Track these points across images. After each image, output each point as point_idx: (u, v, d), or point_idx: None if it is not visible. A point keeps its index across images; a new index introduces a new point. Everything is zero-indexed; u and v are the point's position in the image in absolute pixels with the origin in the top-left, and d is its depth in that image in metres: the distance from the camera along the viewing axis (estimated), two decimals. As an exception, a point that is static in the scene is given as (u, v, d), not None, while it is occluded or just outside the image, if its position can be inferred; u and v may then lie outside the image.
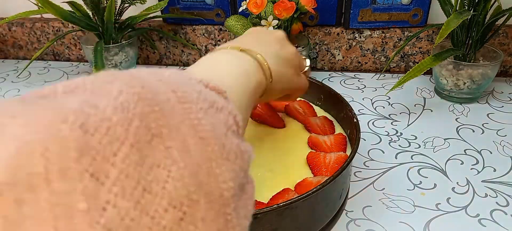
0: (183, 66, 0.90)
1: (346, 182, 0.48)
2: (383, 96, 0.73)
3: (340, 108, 0.56)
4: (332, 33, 0.80)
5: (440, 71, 0.69)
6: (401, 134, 0.63)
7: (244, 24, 0.71)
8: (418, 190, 0.52)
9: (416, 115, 0.67)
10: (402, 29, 0.77)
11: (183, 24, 0.85)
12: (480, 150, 0.59)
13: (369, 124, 0.66)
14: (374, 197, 0.51)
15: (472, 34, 0.66)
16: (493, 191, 0.51)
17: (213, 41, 0.86)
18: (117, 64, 0.81)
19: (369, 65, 0.83)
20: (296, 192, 0.45)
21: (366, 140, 0.62)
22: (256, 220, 0.38)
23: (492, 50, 0.69)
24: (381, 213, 0.49)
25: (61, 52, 0.95)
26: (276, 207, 0.38)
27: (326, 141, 0.53)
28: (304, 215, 0.41)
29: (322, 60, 0.84)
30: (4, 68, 0.92)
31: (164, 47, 0.89)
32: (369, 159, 0.58)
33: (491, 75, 0.67)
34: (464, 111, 0.68)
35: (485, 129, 0.63)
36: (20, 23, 0.93)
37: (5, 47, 0.97)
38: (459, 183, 0.53)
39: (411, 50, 0.79)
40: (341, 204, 0.48)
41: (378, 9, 0.76)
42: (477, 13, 0.63)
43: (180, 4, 0.82)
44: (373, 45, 0.80)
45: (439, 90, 0.72)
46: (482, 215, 0.48)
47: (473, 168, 0.55)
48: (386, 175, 0.54)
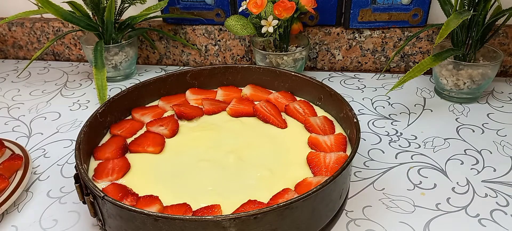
0: (183, 66, 0.90)
1: (346, 182, 0.48)
2: (383, 96, 0.73)
3: (340, 108, 0.56)
4: (332, 33, 0.80)
5: (440, 71, 0.69)
6: (401, 134, 0.63)
7: (244, 24, 0.71)
8: (418, 190, 0.52)
9: (416, 115, 0.67)
10: (402, 29, 0.77)
11: (183, 24, 0.85)
12: (480, 150, 0.59)
13: (369, 124, 0.66)
14: (374, 197, 0.51)
15: (472, 34, 0.66)
16: (493, 191, 0.51)
17: (213, 41, 0.86)
18: (117, 64, 0.81)
19: (369, 65, 0.83)
20: (296, 192, 0.45)
21: (366, 140, 0.62)
22: (256, 220, 0.38)
23: (492, 50, 0.69)
24: (381, 213, 0.49)
25: (61, 52, 0.95)
26: (276, 207, 0.38)
27: (326, 141, 0.53)
28: (304, 215, 0.41)
29: (322, 60, 0.84)
30: (4, 68, 0.92)
31: (164, 47, 0.89)
32: (369, 159, 0.58)
33: (491, 75, 0.67)
34: (464, 111, 0.68)
35: (485, 129, 0.63)
36: (20, 23, 0.93)
37: (5, 47, 0.97)
38: (459, 183, 0.53)
39: (411, 50, 0.79)
40: (341, 204, 0.48)
41: (378, 9, 0.76)
42: (477, 13, 0.63)
43: (180, 4, 0.82)
44: (373, 45, 0.80)
45: (439, 90, 0.72)
46: (482, 215, 0.48)
47: (473, 168, 0.55)
48: (386, 175, 0.54)
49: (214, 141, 0.56)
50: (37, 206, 0.52)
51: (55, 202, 0.52)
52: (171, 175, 0.49)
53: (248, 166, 0.48)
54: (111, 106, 0.57)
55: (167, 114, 0.61)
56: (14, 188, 0.51)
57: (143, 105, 0.63)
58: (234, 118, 0.60)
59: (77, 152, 0.47)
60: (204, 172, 0.47)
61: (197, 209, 0.44)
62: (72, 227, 0.49)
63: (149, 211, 0.38)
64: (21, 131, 0.68)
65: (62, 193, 0.54)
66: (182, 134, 0.57)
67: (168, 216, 0.38)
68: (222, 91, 0.66)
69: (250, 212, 0.38)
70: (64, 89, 0.82)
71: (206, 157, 0.52)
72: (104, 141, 0.56)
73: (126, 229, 0.42)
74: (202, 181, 0.46)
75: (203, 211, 0.43)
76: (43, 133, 0.67)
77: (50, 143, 0.64)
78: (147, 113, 0.61)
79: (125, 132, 0.57)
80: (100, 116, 0.55)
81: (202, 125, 0.59)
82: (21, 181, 0.52)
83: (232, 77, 0.67)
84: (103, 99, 0.69)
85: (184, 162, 0.52)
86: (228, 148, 0.53)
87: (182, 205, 0.44)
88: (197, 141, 0.56)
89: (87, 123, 0.52)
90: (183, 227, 0.38)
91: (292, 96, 0.64)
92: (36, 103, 0.76)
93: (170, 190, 0.47)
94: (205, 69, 0.66)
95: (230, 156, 0.52)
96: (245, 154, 0.52)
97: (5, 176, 0.52)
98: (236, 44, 0.85)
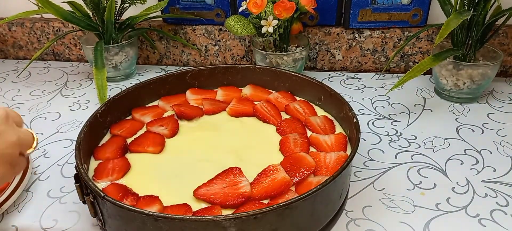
0: (183, 66, 0.90)
1: (346, 182, 0.48)
2: (383, 96, 0.73)
3: (340, 108, 0.56)
4: (332, 33, 0.80)
5: (440, 71, 0.69)
6: (401, 134, 0.63)
7: (244, 24, 0.71)
8: (418, 190, 0.52)
9: (416, 115, 0.67)
10: (402, 29, 0.77)
11: (183, 24, 0.85)
12: (480, 150, 0.59)
13: (369, 123, 0.66)
14: (374, 197, 0.51)
15: (472, 34, 0.66)
16: (493, 191, 0.51)
17: (213, 41, 0.86)
18: (117, 64, 0.81)
19: (369, 65, 0.83)
20: (296, 192, 0.45)
21: (366, 140, 0.62)
22: (256, 220, 0.38)
23: (492, 50, 0.69)
24: (381, 213, 0.49)
25: (61, 52, 0.95)
26: (276, 207, 0.38)
27: (326, 140, 0.53)
28: (304, 215, 0.41)
29: (322, 60, 0.84)
30: (4, 68, 0.92)
31: (164, 47, 0.89)
32: (369, 159, 0.58)
33: (491, 75, 0.67)
34: (464, 111, 0.68)
35: (485, 129, 0.63)
36: (20, 23, 0.93)
37: (5, 47, 0.97)
38: (459, 183, 0.53)
39: (411, 50, 0.79)
40: (341, 204, 0.48)
41: (378, 9, 0.76)
42: (477, 13, 0.63)
43: (180, 4, 0.82)
44: (373, 45, 0.80)
45: (439, 90, 0.72)
46: (482, 215, 0.48)
47: (473, 168, 0.55)
48: (386, 175, 0.55)
49: (214, 141, 0.56)
50: (37, 206, 0.52)
51: (55, 202, 0.53)
52: (171, 175, 0.49)
53: (248, 166, 0.48)
54: (111, 106, 0.57)
55: (167, 115, 0.61)
56: (14, 188, 0.51)
57: (143, 105, 0.63)
58: (234, 118, 0.60)
59: (77, 152, 0.47)
60: (204, 172, 0.47)
61: (197, 209, 0.44)
62: (72, 227, 0.49)
63: (149, 211, 0.38)
64: (21, 131, 0.68)
65: (62, 193, 0.54)
66: (182, 134, 0.57)
67: (168, 216, 0.38)
68: (222, 92, 0.66)
69: (250, 212, 0.38)
70: (64, 89, 0.82)
71: (206, 157, 0.52)
72: (104, 141, 0.56)
73: (126, 229, 0.42)
74: (202, 181, 0.46)
75: (203, 211, 0.43)
76: (43, 133, 0.67)
77: (50, 143, 0.64)
78: (147, 114, 0.61)
79: (125, 132, 0.57)
80: (100, 116, 0.55)
81: (202, 125, 0.59)
82: (21, 181, 0.52)
83: (232, 77, 0.67)
84: (103, 99, 0.69)
85: (184, 162, 0.52)
86: (228, 148, 0.53)
87: (182, 205, 0.44)
88: (197, 141, 0.56)
89: (87, 123, 0.52)
90: (183, 227, 0.38)
91: (292, 96, 0.64)
92: (36, 103, 0.76)
93: (170, 190, 0.47)
94: (205, 69, 0.66)
95: (230, 156, 0.52)
96: (245, 154, 0.52)
97: (5, 176, 0.52)
98: (236, 44, 0.85)
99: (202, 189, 0.45)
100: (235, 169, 0.47)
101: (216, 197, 0.44)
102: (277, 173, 0.46)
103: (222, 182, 0.45)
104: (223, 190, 0.45)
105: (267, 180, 0.46)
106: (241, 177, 0.46)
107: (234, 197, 0.44)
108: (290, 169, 0.47)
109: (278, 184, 0.45)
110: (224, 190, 0.44)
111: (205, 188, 0.45)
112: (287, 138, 0.54)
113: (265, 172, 0.47)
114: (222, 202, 0.43)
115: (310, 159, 0.49)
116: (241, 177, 0.46)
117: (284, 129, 0.56)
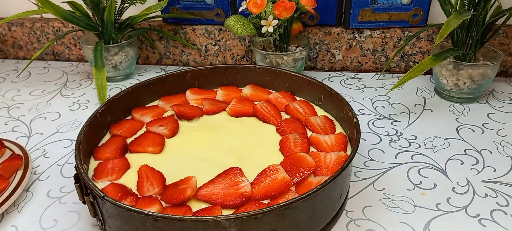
0: (183, 66, 0.90)
1: (346, 182, 0.48)
2: (383, 96, 0.73)
3: (340, 108, 0.56)
4: (332, 33, 0.80)
5: (440, 71, 0.69)
6: (401, 134, 0.63)
7: (244, 24, 0.71)
8: (418, 190, 0.52)
9: (416, 115, 0.67)
10: (402, 29, 0.77)
11: (183, 24, 0.85)
12: (480, 150, 0.59)
13: (369, 123, 0.66)
14: (374, 197, 0.51)
15: (472, 34, 0.66)
16: (493, 191, 0.51)
17: (213, 41, 0.86)
18: (117, 64, 0.81)
19: (369, 65, 0.83)
20: (296, 192, 0.45)
21: (366, 140, 0.61)
22: (256, 220, 0.38)
23: (492, 50, 0.69)
24: (381, 213, 0.49)
25: (61, 52, 0.95)
26: (276, 207, 0.38)
27: (326, 140, 0.53)
28: (304, 215, 0.41)
29: (322, 60, 0.84)
30: (4, 68, 0.92)
31: (164, 47, 0.89)
32: (369, 159, 0.57)
33: (491, 75, 0.67)
34: (464, 111, 0.68)
35: (485, 129, 0.63)
36: (20, 23, 0.93)
37: (5, 47, 0.97)
38: (459, 183, 0.53)
39: (411, 50, 0.79)
40: (341, 204, 0.48)
41: (378, 9, 0.76)
42: (477, 13, 0.63)
43: (180, 4, 0.82)
44: (373, 45, 0.80)
45: (439, 90, 0.72)
46: (482, 215, 0.48)
47: (473, 168, 0.55)
48: (386, 175, 0.54)
49: (214, 141, 0.56)
50: (37, 206, 0.52)
51: (55, 202, 0.52)
52: (171, 175, 0.49)
53: (248, 166, 0.48)
54: (111, 106, 0.57)
55: (167, 114, 0.61)
56: (14, 188, 0.51)
57: (143, 105, 0.63)
58: (234, 118, 0.60)
59: (77, 152, 0.47)
60: (204, 172, 0.47)
61: (197, 209, 0.44)
62: (72, 227, 0.49)
63: (149, 211, 0.38)
64: (21, 131, 0.68)
65: (62, 193, 0.54)
66: (182, 134, 0.57)
67: (168, 216, 0.38)
68: (222, 91, 0.66)
69: (250, 212, 0.38)
70: (64, 89, 0.82)
71: (206, 157, 0.52)
72: (104, 141, 0.56)
73: (126, 229, 0.42)
74: (202, 181, 0.46)
75: (203, 211, 0.43)
76: (43, 133, 0.67)
77: (50, 143, 0.64)
78: (147, 114, 0.61)
79: (125, 132, 0.57)
80: (100, 116, 0.55)
81: (202, 125, 0.59)
82: (21, 181, 0.52)
83: (232, 77, 0.67)
84: (103, 99, 0.69)
85: (184, 162, 0.52)
86: (228, 148, 0.53)
87: (182, 205, 0.44)
88: (197, 141, 0.56)
89: (87, 123, 0.52)
90: (183, 227, 0.38)
91: (292, 96, 0.64)
92: (36, 103, 0.76)
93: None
94: (205, 69, 0.66)
95: (230, 156, 0.52)
96: (245, 154, 0.52)
97: (5, 176, 0.52)
98: (236, 44, 0.85)
99: (203, 189, 0.45)
100: (236, 169, 0.47)
101: (217, 197, 0.44)
102: (277, 173, 0.46)
103: (222, 182, 0.45)
104: (223, 190, 0.44)
105: (267, 180, 0.46)
106: (242, 177, 0.46)
107: (235, 197, 0.44)
108: (290, 169, 0.47)
109: (278, 184, 0.45)
110: (225, 190, 0.44)
111: (206, 188, 0.45)
112: (287, 138, 0.54)
113: (265, 172, 0.47)
114: (223, 202, 0.43)
115: (310, 159, 0.49)
116: (241, 177, 0.46)
117: (284, 129, 0.56)
